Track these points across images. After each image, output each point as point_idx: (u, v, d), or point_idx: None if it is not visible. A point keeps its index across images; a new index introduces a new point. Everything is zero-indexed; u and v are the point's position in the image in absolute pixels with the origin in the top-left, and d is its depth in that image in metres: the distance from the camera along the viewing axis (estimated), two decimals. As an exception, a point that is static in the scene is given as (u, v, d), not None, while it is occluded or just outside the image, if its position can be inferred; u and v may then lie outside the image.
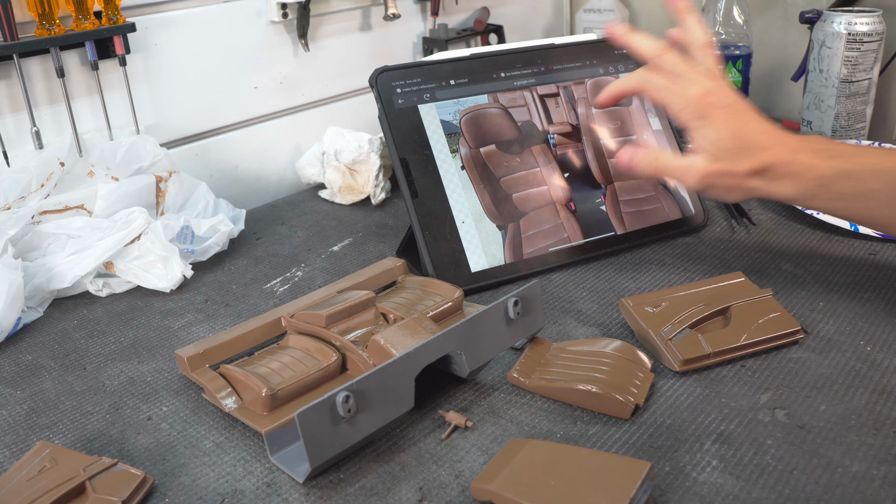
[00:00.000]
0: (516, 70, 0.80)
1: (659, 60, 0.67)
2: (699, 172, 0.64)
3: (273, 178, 1.04)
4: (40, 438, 0.55)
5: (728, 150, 0.63)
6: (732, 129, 0.63)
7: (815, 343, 0.60)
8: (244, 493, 0.49)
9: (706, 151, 0.64)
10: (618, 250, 0.77)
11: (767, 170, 0.63)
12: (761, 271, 0.71)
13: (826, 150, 0.63)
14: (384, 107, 0.74)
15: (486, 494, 0.45)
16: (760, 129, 0.64)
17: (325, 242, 0.85)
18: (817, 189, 0.62)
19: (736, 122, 0.64)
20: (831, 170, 0.61)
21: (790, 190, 0.62)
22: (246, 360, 0.59)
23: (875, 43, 0.99)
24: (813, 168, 0.61)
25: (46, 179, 0.77)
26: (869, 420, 0.51)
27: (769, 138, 0.63)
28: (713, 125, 0.63)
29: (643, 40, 0.68)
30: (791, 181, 0.62)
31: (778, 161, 0.62)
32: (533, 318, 0.58)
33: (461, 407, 0.55)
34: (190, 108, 0.93)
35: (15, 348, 0.67)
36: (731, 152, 0.63)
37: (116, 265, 0.75)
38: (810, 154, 0.62)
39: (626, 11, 1.32)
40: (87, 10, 0.79)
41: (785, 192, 0.63)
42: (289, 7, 0.98)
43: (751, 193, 0.64)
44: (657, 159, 0.66)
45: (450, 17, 1.20)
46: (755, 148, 0.63)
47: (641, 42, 0.68)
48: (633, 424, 0.52)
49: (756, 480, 0.47)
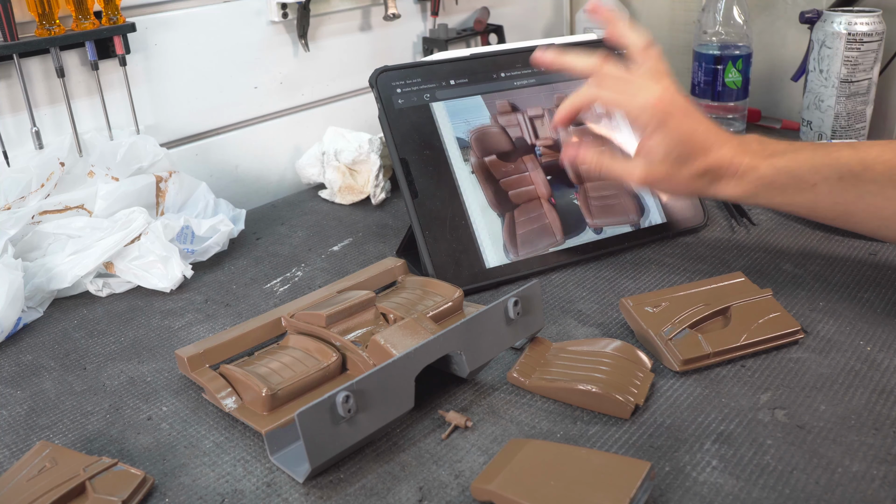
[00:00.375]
0: (516, 70, 0.80)
1: (601, 74, 0.67)
2: (639, 177, 0.66)
3: (273, 178, 1.04)
4: (40, 438, 0.55)
5: (676, 155, 0.65)
6: (683, 134, 0.64)
7: (815, 343, 0.60)
8: (244, 493, 0.49)
9: (650, 156, 0.65)
10: (618, 250, 0.77)
11: (709, 172, 0.65)
12: (761, 271, 0.71)
13: (764, 149, 0.64)
14: (384, 107, 0.74)
15: (486, 494, 0.45)
16: (706, 130, 0.65)
17: (325, 242, 0.85)
18: (759, 188, 0.64)
19: (688, 125, 0.65)
20: (771, 168, 0.63)
21: (733, 190, 0.65)
22: (246, 360, 0.59)
23: (875, 43, 0.99)
24: (753, 168, 0.63)
25: (46, 179, 0.77)
26: (869, 420, 0.51)
27: (714, 139, 0.65)
28: (667, 131, 0.64)
29: (577, 59, 0.68)
30: (734, 182, 0.64)
31: (720, 164, 0.64)
32: (533, 318, 0.58)
33: (461, 407, 0.55)
34: (190, 108, 0.93)
35: (15, 348, 0.67)
36: (679, 157, 0.65)
37: (116, 265, 0.75)
38: (750, 155, 0.64)
39: (626, 11, 1.31)
40: (87, 10, 0.79)
41: (728, 193, 0.65)
42: (289, 7, 0.98)
43: (695, 193, 0.67)
44: (600, 160, 0.68)
45: (450, 17, 1.20)
46: (699, 151, 0.64)
47: (577, 61, 0.68)
48: (633, 424, 0.52)
49: (756, 480, 0.47)
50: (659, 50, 0.69)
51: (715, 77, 1.09)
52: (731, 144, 0.65)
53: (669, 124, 0.64)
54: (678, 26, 1.29)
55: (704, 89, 1.11)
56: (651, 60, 0.68)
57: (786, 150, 0.64)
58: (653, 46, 0.69)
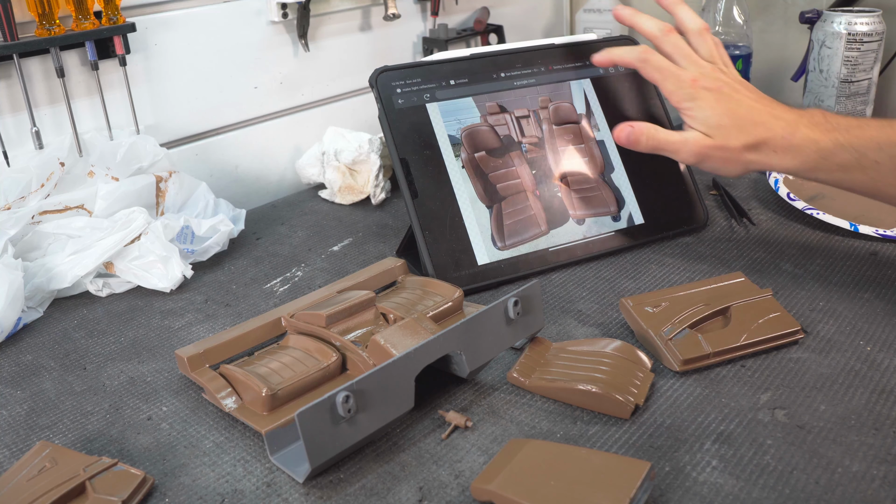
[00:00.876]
0: (516, 70, 0.80)
1: (663, 40, 0.70)
2: (695, 145, 0.67)
3: (273, 178, 1.04)
4: (40, 438, 0.55)
5: (720, 126, 0.65)
6: (722, 109, 0.66)
7: (815, 343, 0.60)
8: (244, 493, 0.49)
9: (698, 130, 0.66)
10: (618, 250, 0.77)
11: (763, 144, 0.64)
12: (761, 271, 0.71)
13: (825, 123, 0.64)
14: (384, 107, 0.74)
15: (486, 494, 0.45)
16: (755, 106, 0.66)
17: (325, 242, 0.85)
18: (818, 161, 0.63)
19: (725, 101, 0.66)
20: (832, 142, 0.62)
21: (791, 162, 0.64)
22: (246, 360, 0.59)
23: (875, 43, 0.99)
24: (813, 141, 0.63)
25: (46, 179, 0.77)
26: (869, 420, 0.51)
27: (765, 115, 0.65)
28: (701, 107, 0.66)
29: (648, 20, 0.72)
30: (791, 154, 0.64)
31: (774, 136, 0.64)
32: (533, 318, 0.58)
33: (461, 407, 0.55)
34: (190, 108, 0.93)
35: (15, 348, 0.67)
36: (724, 129, 0.65)
37: (116, 265, 0.75)
38: (810, 127, 0.64)
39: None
40: (87, 10, 0.79)
41: (786, 165, 0.65)
42: (289, 7, 0.98)
43: (750, 167, 0.67)
44: (655, 134, 0.69)
45: (450, 17, 1.20)
46: (750, 124, 0.65)
47: (646, 22, 0.72)
48: (633, 424, 0.52)
49: (756, 480, 0.47)
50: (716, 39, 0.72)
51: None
52: (785, 118, 0.65)
53: (703, 101, 0.66)
54: (678, 26, 1.29)
55: (704, 89, 1.11)
56: (706, 45, 0.70)
57: (850, 126, 0.63)
58: (707, 32, 0.71)
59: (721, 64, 0.70)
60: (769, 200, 0.87)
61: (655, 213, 0.80)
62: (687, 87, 0.67)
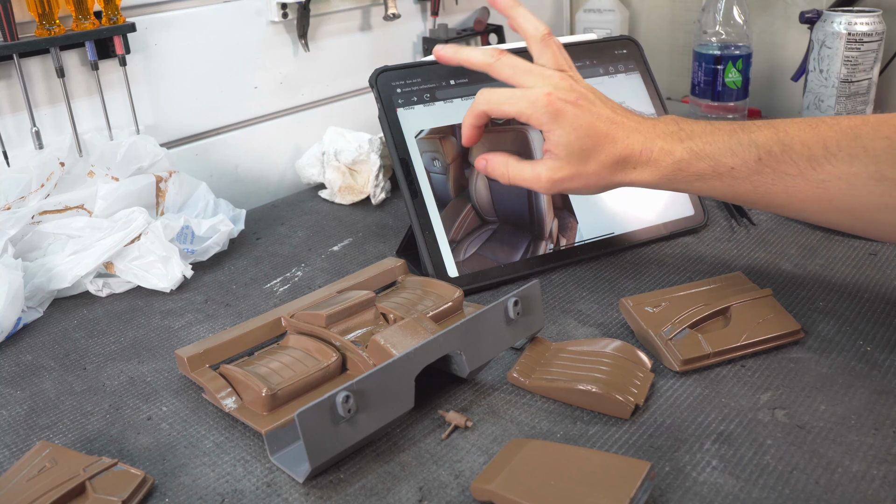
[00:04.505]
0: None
1: (497, 66, 0.65)
2: (548, 181, 0.63)
3: (273, 178, 1.04)
4: (40, 438, 0.55)
5: (582, 150, 0.62)
6: (583, 126, 0.61)
7: (815, 343, 0.60)
8: (244, 493, 0.49)
9: (556, 155, 0.63)
10: (618, 250, 0.77)
11: (623, 161, 0.62)
12: (761, 271, 0.71)
13: (679, 131, 0.62)
14: (384, 107, 0.74)
15: (486, 494, 0.45)
16: (612, 119, 0.62)
17: (325, 242, 0.85)
18: (675, 172, 0.61)
19: (586, 117, 0.62)
20: (687, 152, 0.60)
21: (649, 177, 0.62)
22: (246, 360, 0.59)
23: (875, 43, 0.99)
24: (668, 153, 0.61)
25: (46, 179, 0.77)
26: (869, 420, 0.51)
27: (623, 129, 0.62)
28: (563, 125, 0.61)
29: (472, 52, 0.67)
30: (650, 168, 0.61)
31: (633, 152, 0.61)
32: (533, 318, 0.58)
33: (461, 407, 0.55)
34: (190, 108, 0.93)
35: (15, 348, 0.67)
36: (586, 151, 0.62)
37: (116, 265, 0.75)
38: (664, 138, 0.61)
39: (626, 11, 1.32)
40: (87, 10, 0.79)
41: (644, 179, 0.62)
42: (289, 7, 0.98)
43: (609, 185, 0.64)
44: (506, 171, 0.66)
45: (450, 17, 1.20)
46: (609, 142, 0.61)
47: (472, 54, 0.67)
48: (633, 424, 0.52)
49: (756, 480, 0.47)
50: (558, 42, 0.67)
51: (715, 77, 1.10)
52: (641, 130, 0.62)
53: (565, 117, 0.61)
54: (678, 26, 1.29)
55: (704, 89, 1.11)
56: (549, 51, 0.66)
57: (703, 132, 0.61)
58: (550, 37, 0.66)
59: (569, 70, 0.66)
60: (769, 200, 0.87)
61: (655, 212, 0.80)
62: (542, 105, 0.61)
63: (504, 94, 0.64)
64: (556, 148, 0.62)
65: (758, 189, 0.59)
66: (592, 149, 0.61)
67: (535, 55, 0.66)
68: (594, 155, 0.62)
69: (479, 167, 0.69)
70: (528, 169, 0.65)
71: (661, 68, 1.26)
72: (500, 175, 0.67)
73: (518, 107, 0.63)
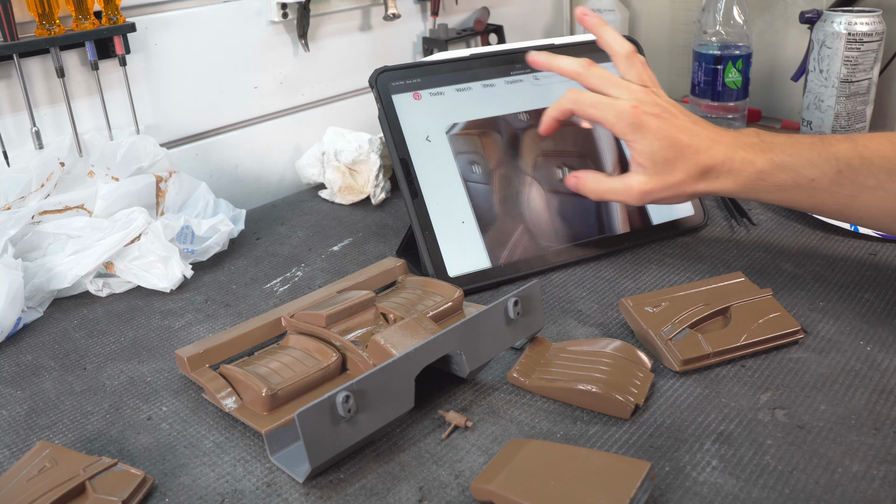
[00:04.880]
0: (516, 70, 0.80)
1: (587, 75, 0.69)
2: (638, 193, 0.66)
3: (273, 178, 1.04)
4: (40, 438, 0.55)
5: (666, 160, 0.65)
6: (666, 137, 0.65)
7: (815, 343, 0.60)
8: (244, 493, 0.49)
9: (643, 166, 0.66)
10: (618, 250, 0.77)
11: (707, 172, 0.64)
12: (761, 271, 0.71)
13: (760, 143, 0.64)
14: (384, 107, 0.74)
15: (486, 494, 0.45)
16: (695, 130, 0.65)
17: (325, 242, 0.85)
18: (756, 182, 0.63)
19: (669, 129, 0.65)
20: (768, 163, 0.63)
21: (732, 185, 0.64)
22: (246, 360, 0.59)
23: (875, 43, 0.99)
24: (750, 163, 0.63)
25: (46, 179, 0.77)
26: (869, 420, 0.51)
27: (704, 140, 0.65)
28: (647, 136, 0.65)
29: (565, 60, 0.71)
30: (732, 178, 0.64)
31: (716, 162, 0.64)
32: (533, 318, 0.58)
33: (461, 407, 0.55)
34: (190, 108, 0.93)
35: (15, 348, 0.67)
36: (670, 162, 0.65)
37: (116, 265, 0.75)
38: (746, 149, 0.64)
39: (626, 12, 1.32)
40: (87, 10, 0.79)
41: (727, 188, 0.65)
42: (289, 7, 0.98)
43: (694, 195, 0.67)
44: (597, 187, 0.69)
45: (450, 17, 1.20)
46: (693, 152, 0.64)
47: (564, 62, 0.70)
48: (633, 424, 0.52)
49: (756, 480, 0.47)
50: (643, 59, 0.70)
51: (715, 77, 1.09)
52: (724, 141, 0.64)
53: (649, 128, 0.65)
54: (678, 26, 1.29)
55: (704, 89, 1.11)
56: (635, 68, 0.69)
57: (784, 144, 0.63)
58: (636, 55, 0.70)
59: (652, 86, 0.69)
60: (769, 200, 0.87)
61: (655, 212, 0.80)
62: (628, 116, 0.65)
63: (593, 98, 0.67)
64: (640, 157, 0.66)
65: (837, 200, 0.62)
66: (676, 159, 0.64)
67: (621, 71, 0.70)
68: (678, 165, 0.64)
69: (570, 185, 0.71)
70: (618, 182, 0.68)
71: (661, 68, 1.26)
72: (592, 190, 0.70)
73: (605, 113, 0.66)
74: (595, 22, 0.72)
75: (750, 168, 0.63)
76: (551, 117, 0.70)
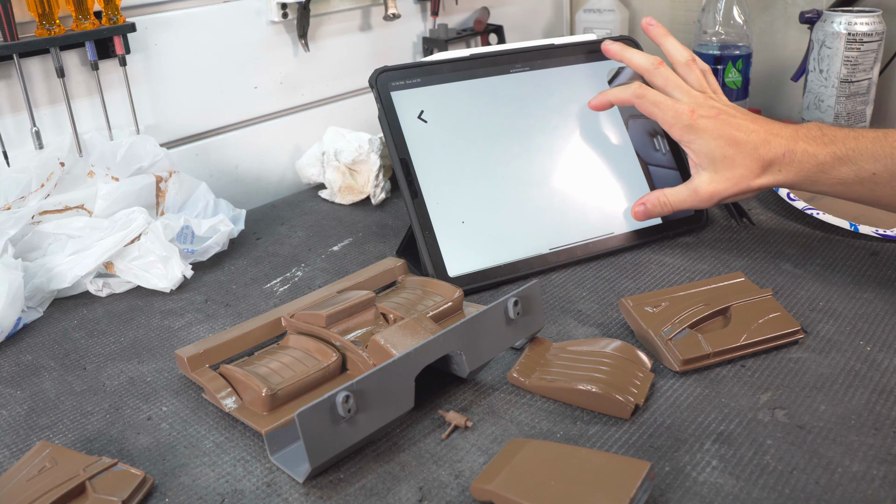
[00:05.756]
0: (516, 70, 0.80)
1: (654, 73, 0.72)
2: (705, 193, 0.68)
3: (273, 178, 1.04)
4: (40, 438, 0.55)
5: (724, 157, 0.66)
6: (722, 136, 0.67)
7: (815, 343, 0.60)
8: (244, 493, 0.49)
9: (702, 167, 0.68)
10: (618, 250, 0.77)
11: (769, 165, 0.66)
12: (761, 271, 0.71)
13: (822, 136, 0.65)
14: (384, 107, 0.74)
15: (486, 494, 0.45)
16: (752, 128, 0.67)
17: (325, 242, 0.85)
18: (818, 175, 0.64)
19: (725, 128, 0.67)
20: (830, 156, 0.64)
21: (794, 177, 0.65)
22: (246, 360, 0.59)
23: (875, 43, 0.99)
24: (812, 155, 0.64)
25: (46, 179, 0.77)
26: (869, 420, 0.51)
27: (763, 135, 0.66)
28: (703, 136, 0.67)
29: (637, 55, 0.74)
30: (794, 170, 0.65)
31: (777, 154, 0.65)
32: (533, 318, 0.58)
33: (461, 407, 0.55)
34: (190, 108, 0.93)
35: (15, 348, 0.67)
36: (729, 159, 0.66)
37: (116, 265, 0.75)
38: (807, 141, 0.65)
39: (626, 12, 1.32)
40: (87, 10, 0.79)
41: (789, 180, 0.66)
42: (289, 7, 0.98)
43: (761, 188, 0.68)
44: (666, 200, 0.72)
45: (450, 17, 1.20)
46: (752, 147, 0.66)
47: (636, 57, 0.74)
48: (633, 424, 0.52)
49: (756, 480, 0.47)
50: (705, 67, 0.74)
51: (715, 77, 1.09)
52: (783, 134, 0.66)
53: (704, 130, 0.67)
54: (678, 26, 1.29)
55: (704, 89, 1.11)
56: (694, 74, 0.72)
57: (846, 138, 0.64)
58: (695, 63, 0.73)
59: (711, 92, 0.72)
60: (769, 200, 0.87)
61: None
62: (685, 118, 0.68)
63: (656, 98, 0.70)
64: (699, 158, 0.68)
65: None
66: (735, 155, 0.66)
67: (682, 77, 0.73)
68: (738, 160, 0.66)
69: (638, 215, 0.74)
70: (683, 190, 0.70)
71: (661, 68, 1.26)
72: (662, 208, 0.73)
73: (665, 114, 0.69)
74: (659, 32, 0.76)
75: (812, 161, 0.64)
76: (608, 100, 0.74)
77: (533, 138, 0.78)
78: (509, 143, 0.77)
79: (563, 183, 0.78)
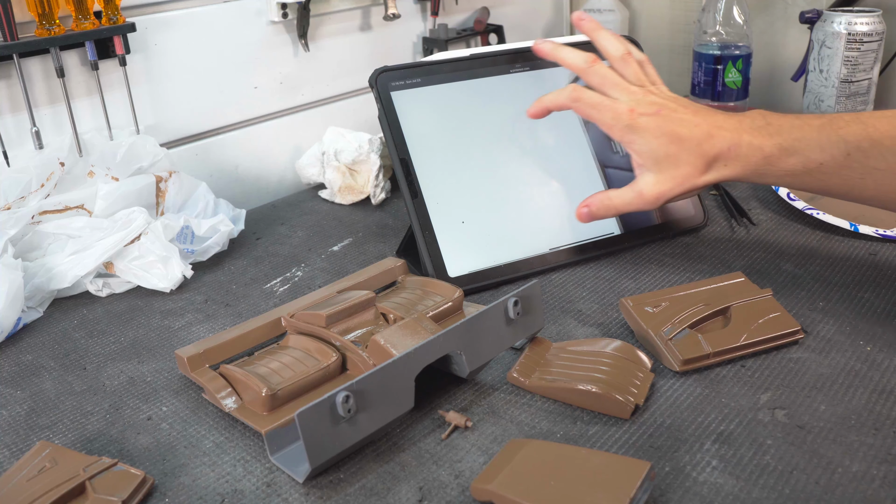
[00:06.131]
0: (516, 70, 0.80)
1: (589, 72, 0.68)
2: (650, 196, 0.65)
3: (273, 178, 1.04)
4: (40, 438, 0.55)
5: (668, 156, 0.63)
6: (665, 133, 0.64)
7: (815, 343, 0.60)
8: (244, 493, 0.49)
9: (646, 167, 0.65)
10: (618, 250, 0.77)
11: (713, 160, 0.63)
12: (761, 271, 0.71)
13: (767, 126, 0.63)
14: (384, 107, 0.74)
15: (486, 494, 0.45)
16: (694, 121, 0.64)
17: (325, 242, 0.85)
18: (764, 167, 0.62)
19: (667, 125, 0.64)
20: (776, 148, 0.62)
21: (740, 171, 0.63)
22: (246, 360, 0.59)
23: (875, 43, 0.99)
24: (758, 148, 0.62)
25: (46, 179, 0.77)
26: (869, 420, 0.51)
27: (706, 128, 0.63)
28: (644, 136, 0.64)
29: (570, 53, 0.70)
30: (739, 163, 0.63)
31: (721, 149, 0.63)
32: (533, 318, 0.58)
33: (461, 407, 0.55)
34: (190, 108, 0.93)
35: (15, 348, 0.67)
36: (673, 157, 0.63)
37: (116, 265, 0.75)
38: (752, 133, 0.62)
39: (626, 11, 1.32)
40: (87, 10, 0.79)
41: (735, 174, 0.64)
42: (289, 7, 0.98)
43: (707, 184, 0.65)
44: (610, 203, 0.68)
45: (450, 17, 1.20)
46: (695, 143, 0.63)
47: (569, 55, 0.70)
48: (633, 424, 0.52)
49: (756, 480, 0.47)
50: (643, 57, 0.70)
51: (715, 77, 1.10)
52: (727, 127, 0.63)
53: (645, 129, 0.64)
54: (678, 26, 1.29)
55: (704, 89, 1.11)
56: (630, 68, 0.68)
57: (791, 127, 0.62)
58: (630, 56, 0.69)
59: (650, 84, 0.68)
60: (769, 200, 0.87)
61: (655, 213, 0.80)
62: (625, 118, 0.65)
63: (593, 100, 0.67)
64: (641, 157, 0.65)
65: (846, 182, 0.61)
66: (678, 153, 0.63)
67: (619, 72, 0.69)
68: (682, 158, 0.63)
69: (583, 217, 0.70)
70: (628, 192, 0.67)
71: (660, 68, 1.25)
72: (606, 210, 0.69)
73: (603, 116, 0.66)
74: (591, 26, 0.72)
75: (758, 154, 0.62)
76: (545, 107, 0.70)
77: (533, 138, 0.78)
78: (509, 143, 0.77)
79: (564, 183, 0.78)
